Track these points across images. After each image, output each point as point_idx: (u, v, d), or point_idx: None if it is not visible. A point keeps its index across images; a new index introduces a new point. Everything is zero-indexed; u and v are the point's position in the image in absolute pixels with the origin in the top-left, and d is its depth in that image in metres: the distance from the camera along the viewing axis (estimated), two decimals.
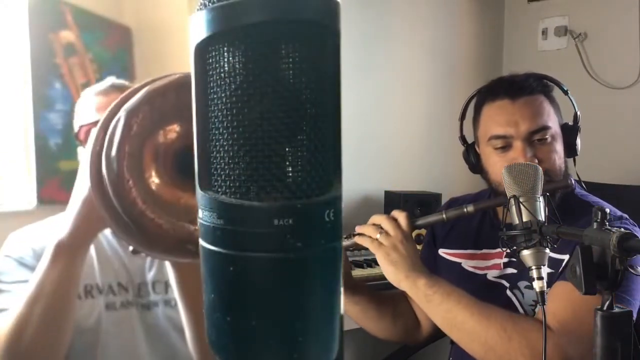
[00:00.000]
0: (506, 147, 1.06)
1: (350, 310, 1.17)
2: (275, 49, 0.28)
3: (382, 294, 1.20)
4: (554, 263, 1.00)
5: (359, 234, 1.03)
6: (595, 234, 0.66)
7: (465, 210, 0.98)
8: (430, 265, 1.22)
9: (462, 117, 1.20)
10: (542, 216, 0.83)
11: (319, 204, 0.29)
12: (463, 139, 1.20)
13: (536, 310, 1.02)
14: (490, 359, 0.92)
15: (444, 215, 1.00)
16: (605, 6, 2.25)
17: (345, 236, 1.05)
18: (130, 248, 0.72)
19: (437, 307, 0.96)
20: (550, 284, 0.97)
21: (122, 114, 0.59)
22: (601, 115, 2.11)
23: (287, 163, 0.29)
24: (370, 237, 1.01)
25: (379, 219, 1.03)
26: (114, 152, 0.58)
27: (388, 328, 1.19)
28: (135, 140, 0.58)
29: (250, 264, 0.29)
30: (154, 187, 0.59)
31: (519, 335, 0.90)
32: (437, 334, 1.20)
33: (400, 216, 1.02)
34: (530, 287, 1.04)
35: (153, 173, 0.59)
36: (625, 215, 1.03)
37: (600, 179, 1.17)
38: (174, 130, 0.60)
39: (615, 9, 2.22)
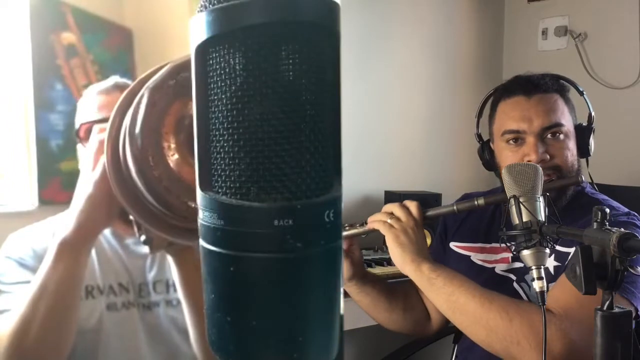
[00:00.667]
0: (518, 141, 1.08)
1: (361, 301, 1.18)
2: (275, 51, 0.29)
3: (393, 286, 1.21)
4: (561, 256, 1.02)
5: (372, 221, 1.06)
6: (595, 234, 0.66)
7: (476, 203, 0.99)
8: (439, 257, 1.23)
9: (479, 114, 1.22)
10: (542, 216, 0.83)
11: (319, 204, 0.29)
12: (479, 136, 1.22)
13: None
14: (492, 342, 0.92)
15: (455, 207, 1.02)
16: (605, 6, 2.25)
17: (358, 224, 1.06)
18: (142, 238, 0.71)
19: (440, 290, 0.97)
20: (557, 276, 0.99)
21: (145, 91, 0.58)
22: (601, 115, 2.10)
23: (287, 164, 0.29)
24: (382, 220, 1.04)
25: (392, 206, 1.06)
26: (138, 129, 0.57)
27: (398, 320, 1.20)
28: (159, 116, 0.57)
29: (250, 264, 0.29)
30: (177, 164, 0.58)
31: (521, 317, 0.90)
32: (447, 327, 1.21)
33: (412, 205, 1.04)
34: None
35: (176, 150, 0.58)
36: (634, 213, 1.04)
37: (599, 179, 1.17)
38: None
39: (615, 9, 2.22)
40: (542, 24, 2.44)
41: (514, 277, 1.11)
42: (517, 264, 1.11)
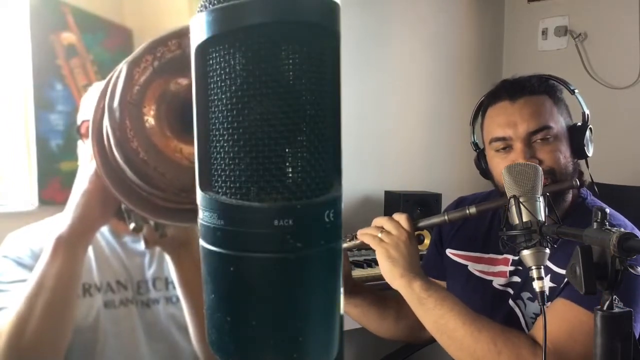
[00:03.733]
0: (507, 148, 1.05)
1: (350, 312, 1.16)
2: (275, 51, 0.29)
3: (385, 295, 1.18)
4: (557, 277, 0.99)
5: (362, 234, 1.03)
6: (595, 234, 0.66)
7: (467, 212, 0.97)
8: (436, 265, 1.22)
9: (473, 122, 1.18)
10: (542, 216, 0.82)
11: (319, 204, 0.29)
12: (475, 145, 1.18)
13: (535, 322, 1.01)
14: None
15: (446, 217, 0.99)
16: (605, 6, 2.25)
17: (348, 238, 1.04)
18: (132, 225, 0.72)
19: (430, 312, 0.95)
20: (551, 298, 0.97)
21: (123, 65, 0.59)
22: (601, 115, 2.11)
23: (287, 164, 0.29)
24: (372, 234, 1.01)
25: (381, 220, 1.03)
26: (116, 103, 0.58)
27: (390, 328, 1.18)
28: (137, 89, 0.58)
29: (250, 264, 0.29)
30: (155, 137, 0.58)
31: (509, 351, 0.90)
32: None
33: (402, 218, 1.01)
34: (533, 300, 1.03)
35: (155, 123, 0.59)
36: (638, 229, 0.99)
37: (599, 179, 1.16)
38: (176, 82, 0.59)
39: (615, 9, 2.22)
40: (542, 24, 2.44)
41: (511, 292, 1.08)
42: (515, 278, 1.08)
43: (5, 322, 0.75)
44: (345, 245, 1.04)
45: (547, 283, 0.99)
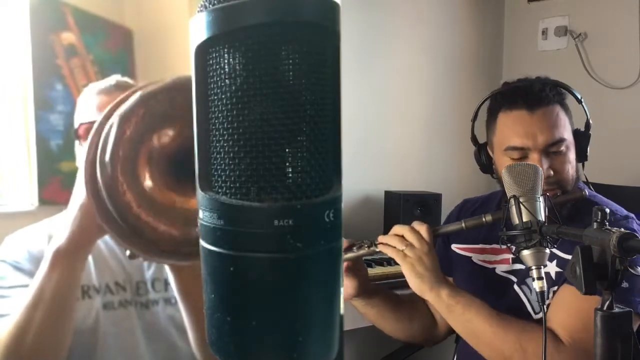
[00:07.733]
0: (522, 158, 1.07)
1: (367, 314, 1.19)
2: (275, 51, 0.29)
3: (399, 296, 1.22)
4: (563, 262, 1.02)
5: (382, 244, 1.05)
6: (595, 234, 0.66)
7: (483, 219, 1.00)
8: (444, 263, 1.24)
9: (474, 118, 1.21)
10: (542, 216, 0.83)
11: (318, 204, 0.29)
12: (475, 139, 1.21)
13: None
14: None
15: (464, 225, 1.03)
16: (605, 6, 2.25)
17: (366, 245, 1.06)
18: (127, 252, 0.72)
19: (459, 317, 1.01)
20: (557, 282, 1.01)
21: (115, 119, 0.61)
22: (601, 115, 2.11)
23: (287, 164, 0.29)
24: (395, 247, 1.04)
25: (401, 229, 1.05)
26: (107, 157, 0.60)
27: (405, 329, 1.22)
28: (128, 144, 0.60)
29: (250, 264, 0.29)
30: (148, 191, 0.60)
31: (534, 348, 0.94)
32: (454, 333, 1.22)
33: (422, 228, 1.04)
34: None
35: (147, 177, 0.60)
36: (632, 215, 1.05)
37: (599, 179, 1.17)
38: (167, 134, 0.61)
39: (615, 9, 2.22)
40: (542, 24, 2.43)
41: (514, 279, 1.11)
42: (518, 266, 1.11)
43: (3, 332, 0.75)
44: (363, 252, 1.06)
45: (554, 268, 1.04)
